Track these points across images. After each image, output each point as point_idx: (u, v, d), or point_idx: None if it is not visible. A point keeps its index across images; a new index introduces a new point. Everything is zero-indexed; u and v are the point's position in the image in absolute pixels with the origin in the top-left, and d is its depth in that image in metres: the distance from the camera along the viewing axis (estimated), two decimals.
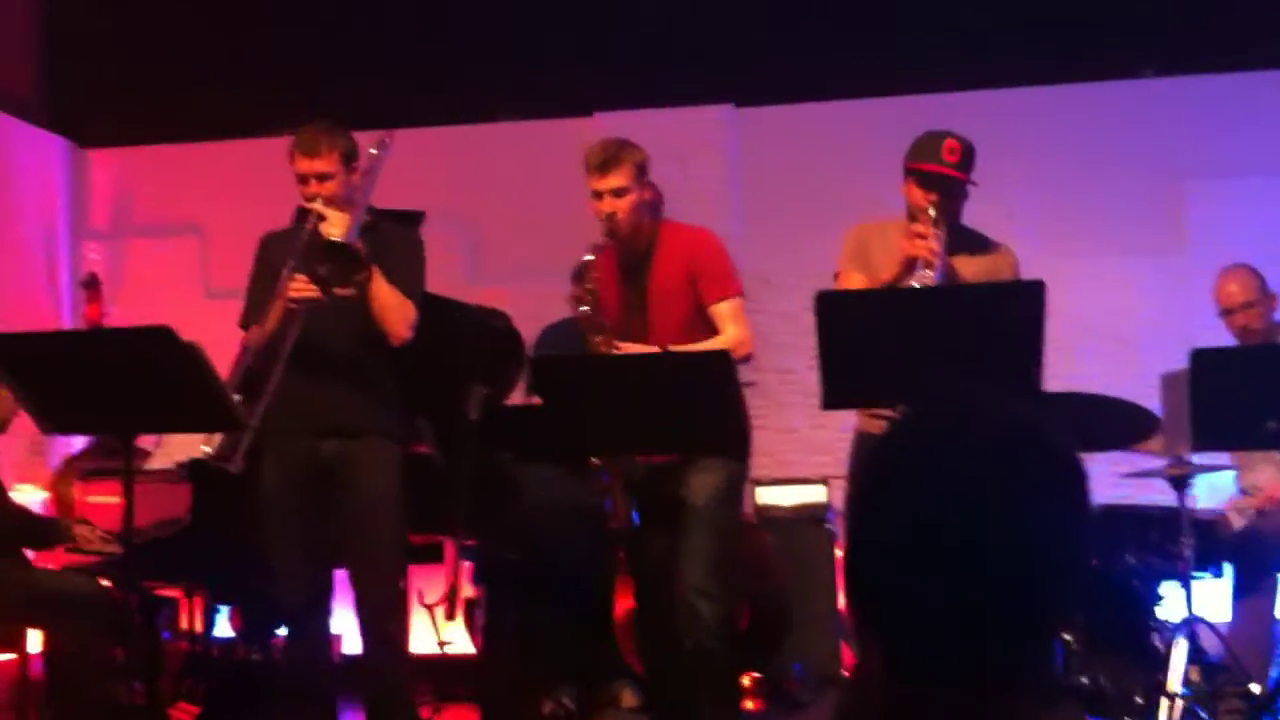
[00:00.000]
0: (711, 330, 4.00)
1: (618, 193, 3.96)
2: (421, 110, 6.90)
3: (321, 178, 3.93)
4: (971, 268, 3.92)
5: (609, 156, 3.98)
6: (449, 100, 6.95)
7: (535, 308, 5.98)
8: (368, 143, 4.10)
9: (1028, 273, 4.03)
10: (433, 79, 6.94)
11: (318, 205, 3.89)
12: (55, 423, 3.77)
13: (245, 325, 4.02)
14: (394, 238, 4.03)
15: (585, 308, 3.95)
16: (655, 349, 3.87)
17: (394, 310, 3.93)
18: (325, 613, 4.10)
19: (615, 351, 3.87)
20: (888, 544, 1.16)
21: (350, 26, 7.01)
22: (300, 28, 7.06)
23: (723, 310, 4.01)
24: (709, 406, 3.57)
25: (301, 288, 3.80)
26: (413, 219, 5.13)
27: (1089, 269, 6.42)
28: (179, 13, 7.15)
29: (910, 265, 3.79)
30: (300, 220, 3.99)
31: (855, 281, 3.95)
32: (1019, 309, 3.42)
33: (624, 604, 4.71)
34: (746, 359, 4.00)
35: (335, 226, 3.82)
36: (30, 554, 4.64)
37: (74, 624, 4.30)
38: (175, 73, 7.13)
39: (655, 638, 4.06)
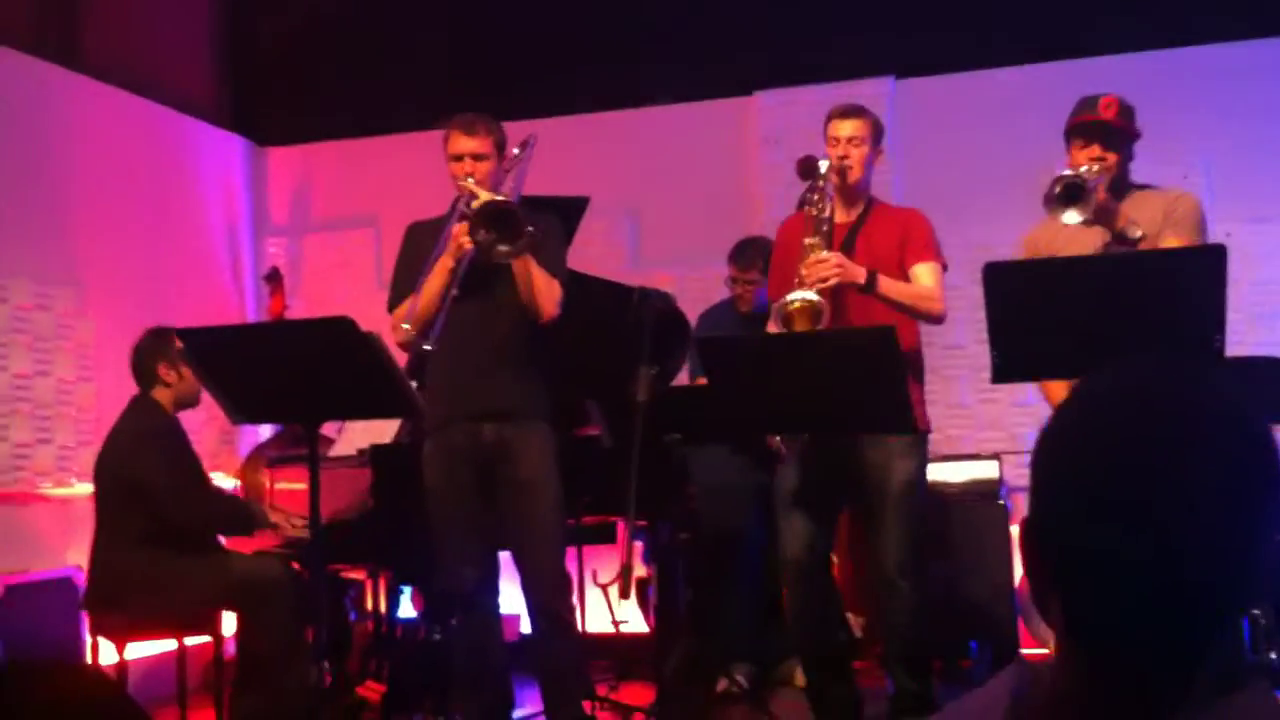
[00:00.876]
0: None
1: (854, 140, 4.09)
2: (582, 96, 6.99)
3: (477, 157, 4.04)
4: (1145, 209, 3.82)
5: (852, 107, 4.17)
6: (609, 85, 7.01)
7: (698, 290, 6.03)
8: (517, 136, 4.20)
9: (1215, 238, 3.90)
10: (593, 65, 7.01)
11: (470, 184, 3.98)
12: (243, 412, 3.88)
13: (393, 309, 4.10)
14: (533, 222, 4.09)
15: (812, 210, 4.03)
16: (863, 271, 3.91)
17: (542, 288, 4.00)
18: (494, 593, 4.20)
19: (826, 253, 3.90)
20: (1071, 514, 1.14)
21: (514, 16, 7.12)
22: (465, 19, 7.21)
23: (922, 270, 4.07)
24: (875, 384, 3.55)
25: (463, 239, 3.85)
26: (577, 205, 5.20)
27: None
28: (351, 12, 7.37)
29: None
30: (452, 208, 4.08)
31: None
32: (1197, 274, 3.32)
33: None
34: (939, 319, 4.08)
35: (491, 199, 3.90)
36: (223, 539, 4.85)
37: (266, 607, 4.46)
38: (348, 70, 7.36)
39: (812, 614, 4.07)
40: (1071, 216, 3.64)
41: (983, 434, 6.26)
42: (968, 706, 1.21)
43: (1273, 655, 4.35)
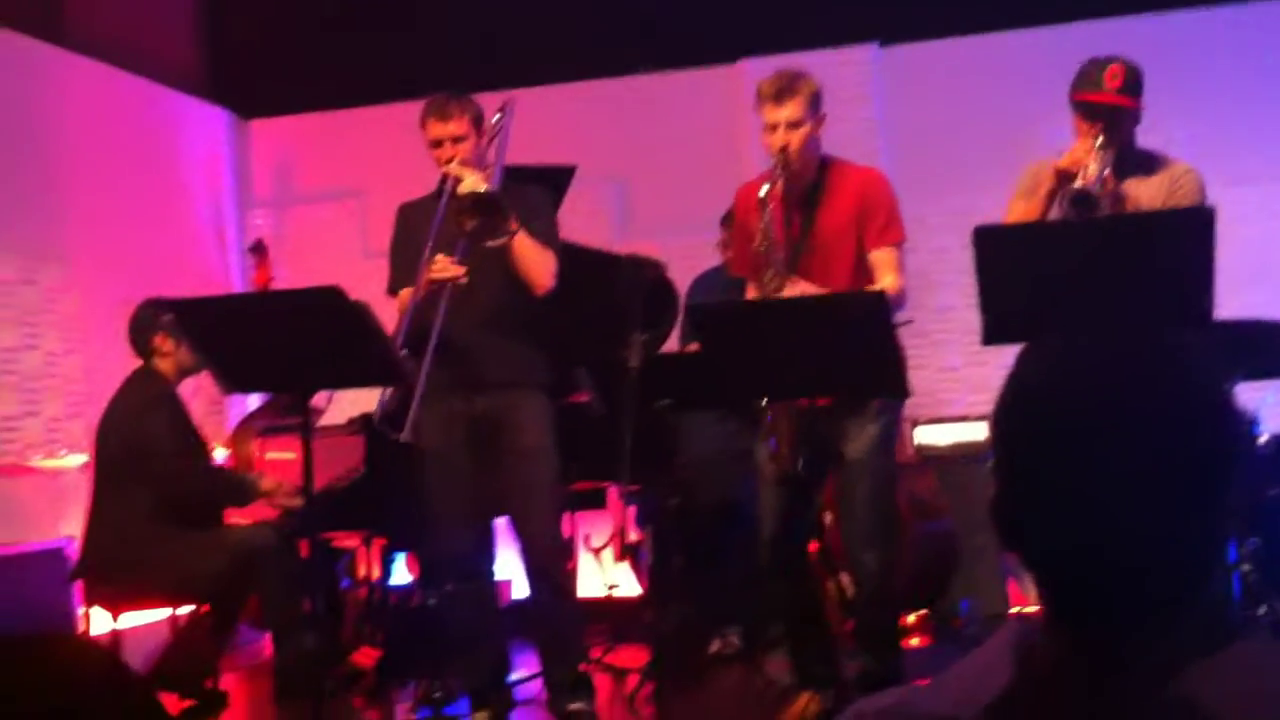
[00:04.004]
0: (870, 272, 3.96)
1: (792, 124, 3.84)
2: (568, 66, 6.96)
3: (455, 140, 4.03)
4: (1147, 190, 3.77)
5: (784, 86, 3.85)
6: (594, 54, 6.98)
7: (685, 259, 6.02)
8: (494, 106, 4.18)
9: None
10: (578, 33, 6.98)
11: (454, 167, 3.97)
12: (234, 382, 3.90)
13: (393, 291, 4.12)
14: (522, 194, 4.09)
15: (758, 244, 3.83)
16: (824, 290, 3.79)
17: (536, 261, 4.01)
18: (490, 559, 4.22)
19: (787, 288, 3.78)
20: (1029, 479, 1.16)
21: None
22: None
23: (882, 257, 3.91)
24: (865, 349, 3.56)
25: (443, 268, 3.89)
26: (564, 174, 5.19)
27: (1259, 196, 6.19)
28: None
29: (1064, 179, 3.68)
30: (440, 189, 4.07)
31: (1017, 208, 3.83)
32: (1187, 237, 3.33)
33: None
34: (899, 308, 3.92)
35: (474, 187, 3.89)
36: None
37: (262, 577, 4.49)
38: (331, 41, 7.31)
39: (790, 578, 4.02)
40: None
41: (972, 396, 6.28)
42: (971, 666, 1.22)
43: (1261, 610, 4.39)
